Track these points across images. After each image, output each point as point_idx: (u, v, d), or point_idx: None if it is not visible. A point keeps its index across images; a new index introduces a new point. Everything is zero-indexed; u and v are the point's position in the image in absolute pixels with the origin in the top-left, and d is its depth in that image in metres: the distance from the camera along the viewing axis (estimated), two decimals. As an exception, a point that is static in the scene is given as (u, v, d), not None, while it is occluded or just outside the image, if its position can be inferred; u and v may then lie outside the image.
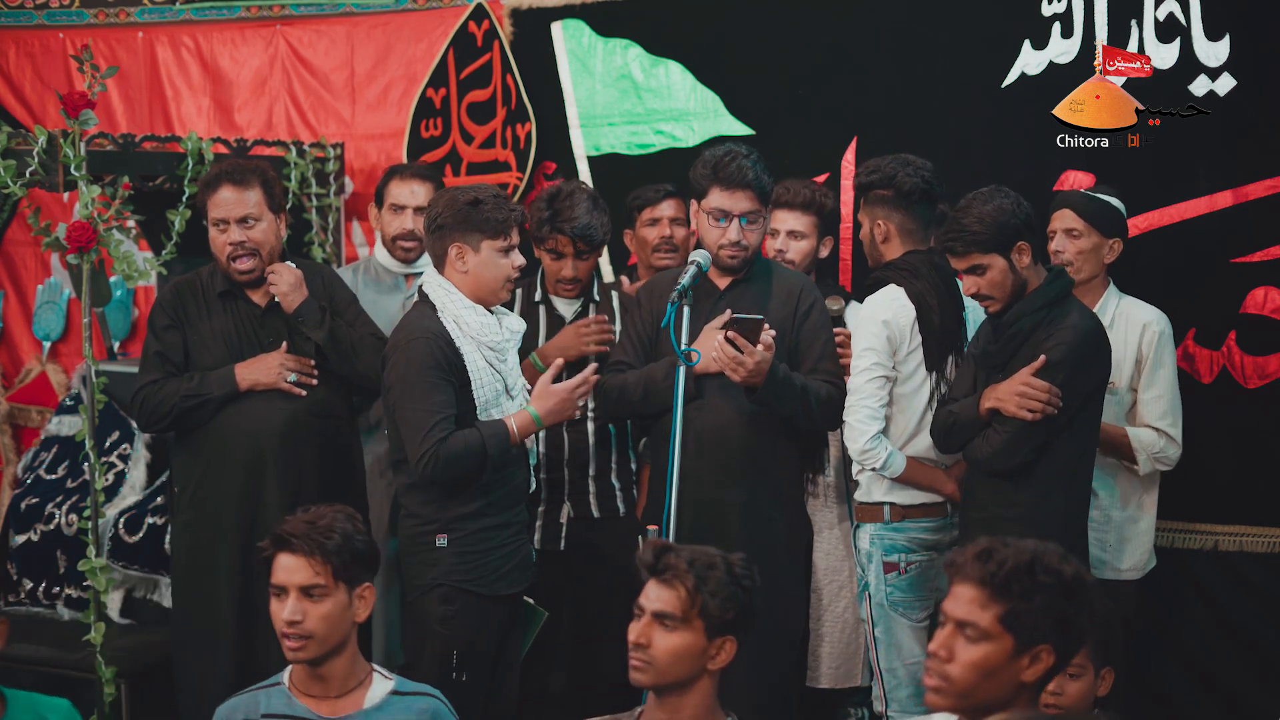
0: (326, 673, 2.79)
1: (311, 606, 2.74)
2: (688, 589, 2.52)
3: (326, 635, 2.75)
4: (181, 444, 3.97)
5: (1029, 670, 2.23)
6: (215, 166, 4.02)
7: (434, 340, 3.49)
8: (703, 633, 2.53)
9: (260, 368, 3.86)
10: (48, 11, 5.78)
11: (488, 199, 3.53)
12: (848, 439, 3.68)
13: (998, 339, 3.45)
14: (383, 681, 2.85)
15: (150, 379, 3.87)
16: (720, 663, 2.56)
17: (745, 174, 3.58)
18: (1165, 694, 4.26)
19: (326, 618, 2.74)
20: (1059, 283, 3.45)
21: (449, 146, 5.14)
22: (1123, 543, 3.87)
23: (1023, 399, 3.35)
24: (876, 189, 3.78)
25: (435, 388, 3.46)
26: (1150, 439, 3.78)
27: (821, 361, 3.72)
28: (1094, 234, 3.82)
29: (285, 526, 2.80)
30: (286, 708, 2.79)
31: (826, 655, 4.11)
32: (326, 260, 5.04)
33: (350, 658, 2.81)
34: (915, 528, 3.70)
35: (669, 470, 3.34)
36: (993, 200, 3.40)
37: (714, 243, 3.61)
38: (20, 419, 5.77)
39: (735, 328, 3.45)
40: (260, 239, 3.87)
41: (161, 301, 3.97)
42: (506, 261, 3.54)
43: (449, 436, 3.43)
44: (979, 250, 3.39)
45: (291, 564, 2.76)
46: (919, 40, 4.49)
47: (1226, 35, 4.03)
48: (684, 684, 2.56)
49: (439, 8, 5.25)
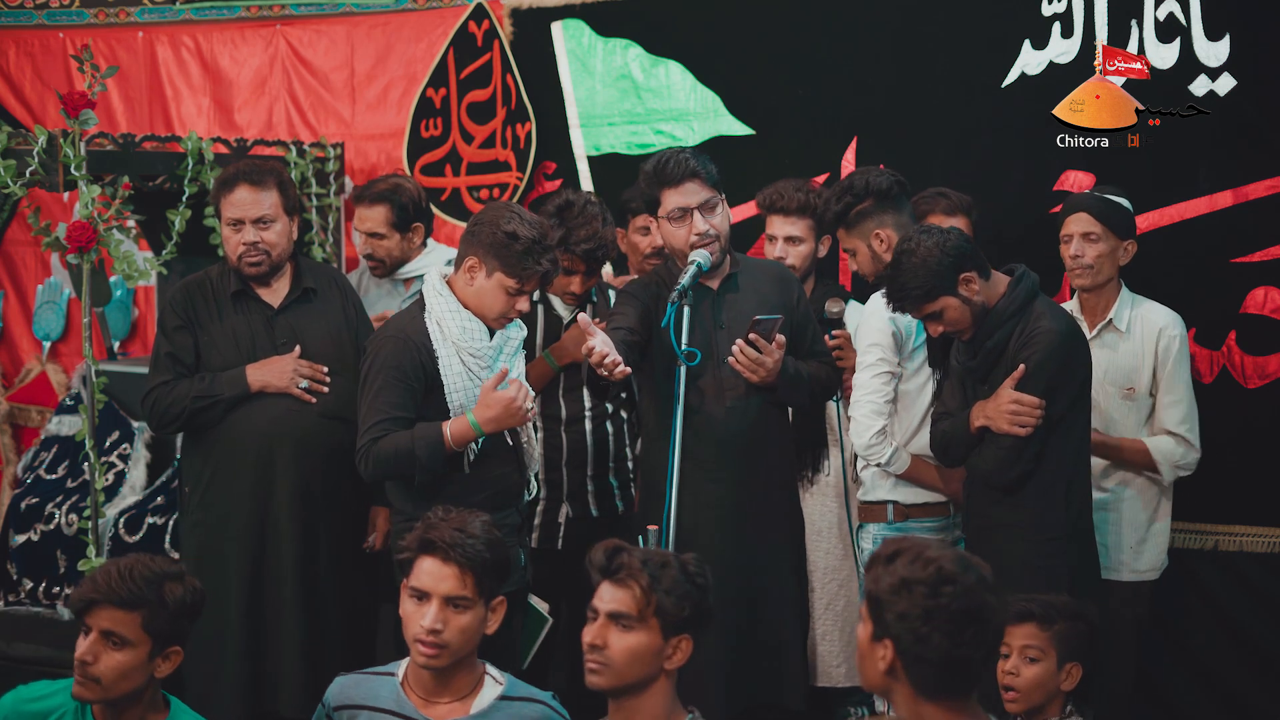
0: (447, 680, 2.73)
1: (453, 617, 2.68)
2: (642, 588, 2.52)
3: (461, 647, 2.69)
4: (192, 444, 3.96)
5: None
6: (232, 166, 4.00)
7: (404, 342, 3.49)
8: (658, 632, 2.52)
9: (272, 370, 3.85)
10: (48, 11, 5.78)
11: (526, 241, 3.45)
12: (853, 434, 3.69)
13: (974, 355, 3.46)
14: (493, 685, 2.77)
15: (161, 380, 3.85)
16: (676, 662, 2.55)
17: (687, 165, 3.56)
18: (1166, 693, 4.26)
19: (464, 630, 2.68)
20: (1021, 286, 3.42)
21: (449, 146, 5.14)
22: (1141, 543, 3.87)
23: (1014, 416, 3.35)
24: (856, 207, 3.77)
25: (389, 388, 3.47)
26: (1170, 447, 3.78)
27: (815, 343, 3.75)
28: (1111, 236, 3.80)
29: (434, 531, 2.72)
30: (395, 704, 2.73)
31: (826, 654, 4.11)
32: (326, 260, 5.05)
33: (471, 666, 2.76)
34: (918, 528, 3.71)
35: (669, 470, 3.34)
36: (918, 250, 3.37)
37: (684, 243, 3.57)
38: (20, 419, 5.77)
39: (756, 329, 3.46)
40: (274, 240, 3.86)
41: (171, 302, 3.94)
42: (509, 301, 3.51)
43: (384, 436, 3.45)
44: (926, 301, 3.39)
45: (438, 571, 2.69)
46: (919, 40, 4.49)
47: (1226, 35, 4.03)
48: (641, 685, 2.55)
49: (439, 8, 5.25)
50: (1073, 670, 3.07)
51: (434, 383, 3.51)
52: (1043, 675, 3.06)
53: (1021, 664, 3.06)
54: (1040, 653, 3.05)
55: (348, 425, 3.95)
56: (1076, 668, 3.07)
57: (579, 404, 4.11)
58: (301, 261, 4.03)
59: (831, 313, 4.01)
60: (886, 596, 2.16)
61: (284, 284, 3.95)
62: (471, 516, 2.77)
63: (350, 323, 4.01)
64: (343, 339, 3.96)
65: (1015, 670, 3.06)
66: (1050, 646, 3.05)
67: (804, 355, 3.70)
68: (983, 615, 2.15)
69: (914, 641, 2.13)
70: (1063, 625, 3.06)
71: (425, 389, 3.51)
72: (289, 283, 3.95)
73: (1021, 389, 3.34)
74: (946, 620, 2.12)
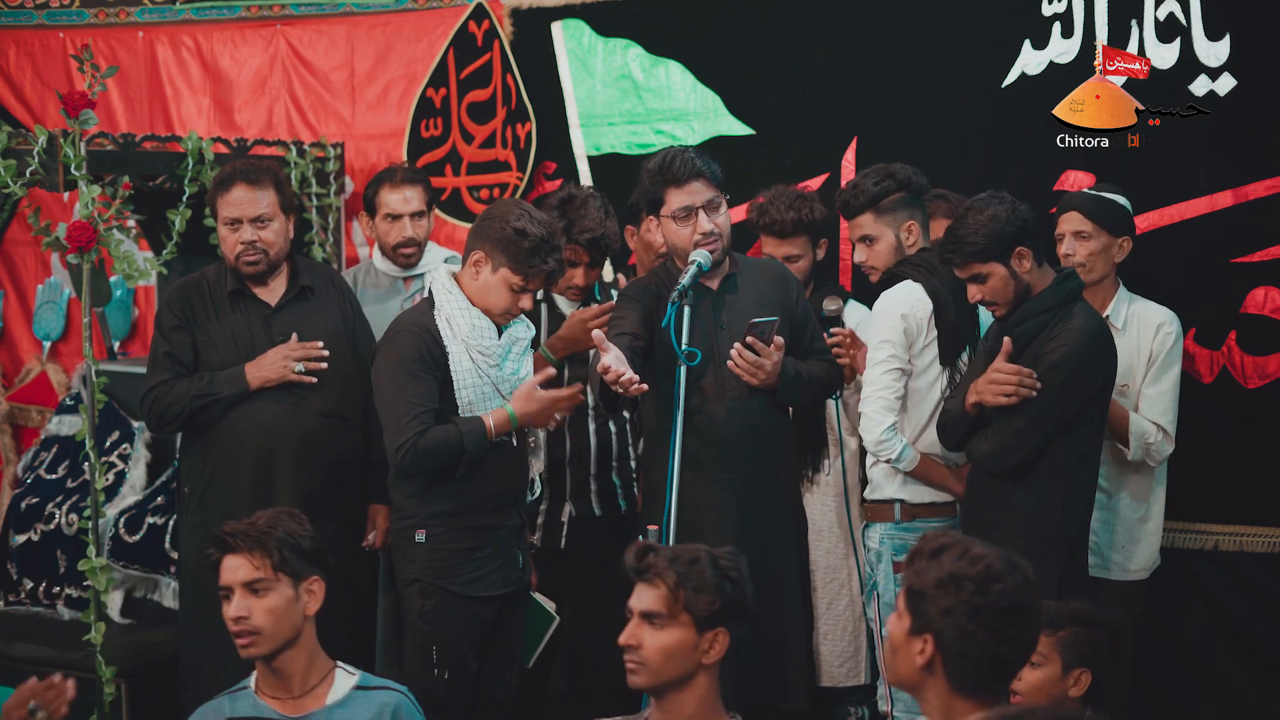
0: (285, 669, 2.80)
1: (256, 602, 2.77)
2: (669, 585, 2.53)
3: (274, 630, 2.76)
4: (190, 444, 3.96)
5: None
6: (229, 165, 4.00)
7: (420, 334, 3.51)
8: (692, 627, 2.53)
9: (266, 364, 3.85)
10: (48, 11, 5.78)
11: (535, 239, 3.47)
12: (863, 430, 3.69)
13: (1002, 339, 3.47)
14: (346, 677, 2.86)
15: (159, 380, 3.86)
16: (714, 656, 2.55)
17: (693, 164, 3.57)
18: (1165, 694, 4.26)
19: (271, 611, 2.76)
20: (1067, 285, 3.46)
21: (449, 146, 5.14)
22: (1133, 543, 3.88)
23: (995, 385, 3.38)
24: (893, 194, 3.77)
25: (417, 379, 3.47)
26: (1149, 429, 3.79)
27: (815, 342, 3.76)
28: (1103, 234, 3.81)
29: (224, 528, 2.83)
30: (252, 710, 2.82)
31: (827, 654, 4.12)
32: (326, 260, 5.05)
33: (307, 653, 2.82)
34: (925, 527, 3.70)
35: (669, 470, 3.34)
36: (987, 208, 3.41)
37: (688, 242, 3.57)
38: (20, 419, 5.77)
39: (754, 332, 3.46)
40: (271, 239, 3.87)
41: (168, 302, 3.95)
42: (514, 297, 3.53)
43: (428, 429, 3.44)
44: (977, 260, 3.42)
45: (233, 563, 2.80)
46: (919, 40, 4.49)
47: (1226, 35, 4.03)
48: (680, 682, 2.55)
49: (439, 8, 5.25)
50: (1081, 676, 3.04)
51: (445, 378, 3.52)
52: (1044, 680, 3.03)
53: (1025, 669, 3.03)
54: (1043, 658, 3.02)
55: (347, 423, 3.95)
56: (1086, 674, 3.04)
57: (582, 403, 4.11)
58: (298, 260, 4.04)
59: (829, 311, 4.01)
60: (931, 591, 2.17)
61: (281, 283, 3.96)
62: (269, 512, 2.87)
63: (348, 321, 4.02)
64: (340, 337, 3.97)
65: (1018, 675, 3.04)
66: (1054, 652, 3.02)
67: (804, 354, 3.70)
68: (1027, 615, 2.18)
69: (957, 637, 2.15)
70: (1070, 631, 3.03)
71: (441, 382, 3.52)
72: (286, 281, 3.96)
73: (1043, 380, 3.36)
74: (993, 617, 2.14)
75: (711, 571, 2.55)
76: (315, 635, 2.85)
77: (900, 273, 3.74)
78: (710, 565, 2.56)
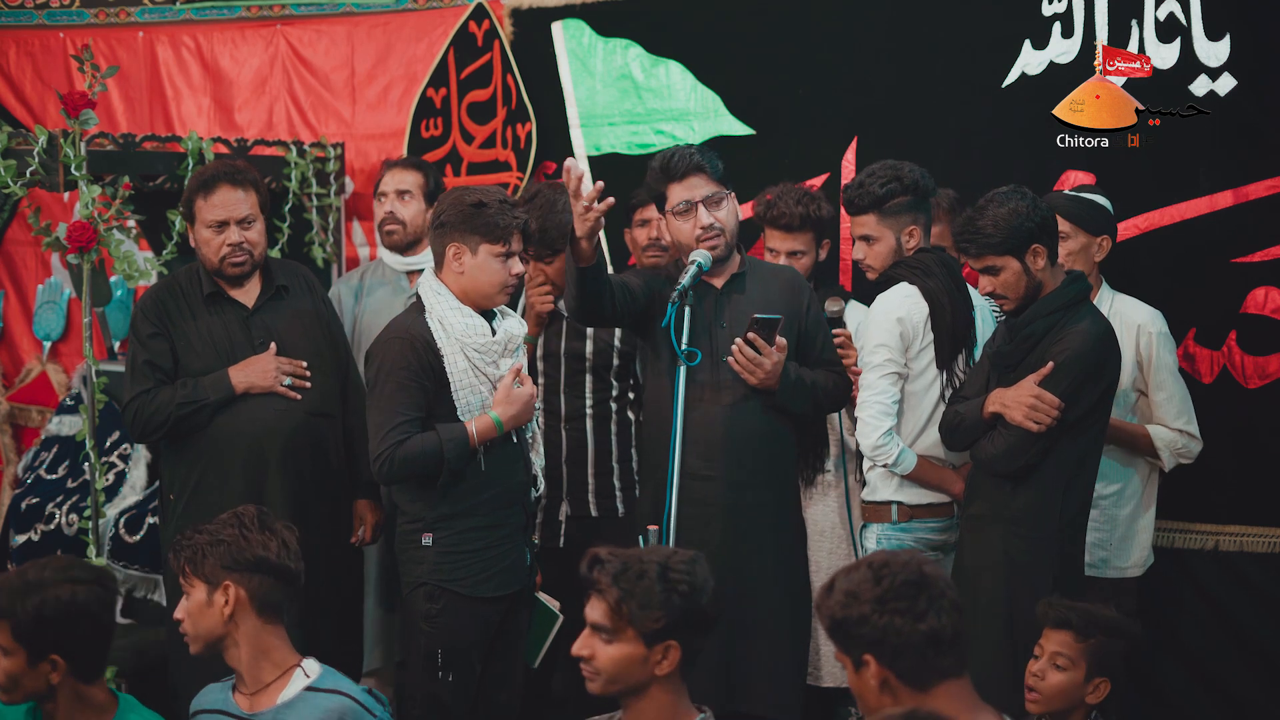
0: (233, 666, 2.88)
1: (182, 603, 2.87)
2: (611, 602, 2.51)
3: (194, 629, 2.85)
4: (174, 450, 3.92)
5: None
6: (207, 168, 4.00)
7: (411, 341, 3.50)
8: (638, 641, 2.50)
9: (255, 371, 3.84)
10: (48, 11, 5.78)
11: (492, 203, 3.51)
12: (860, 435, 3.68)
13: (1012, 339, 3.47)
14: (302, 678, 2.87)
15: (141, 389, 3.83)
16: (666, 668, 2.51)
17: (692, 159, 3.60)
18: (1165, 694, 4.26)
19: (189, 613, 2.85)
20: (1075, 287, 3.46)
21: (449, 146, 5.14)
22: (1125, 541, 3.88)
23: (1032, 410, 3.35)
24: (898, 196, 3.76)
25: (403, 389, 3.47)
26: (1172, 436, 3.81)
27: (825, 351, 3.76)
28: (1081, 234, 3.82)
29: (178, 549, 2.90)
30: (220, 702, 2.90)
31: (827, 654, 4.11)
32: (327, 260, 5.05)
33: (250, 651, 2.84)
34: (922, 528, 3.70)
35: (669, 470, 3.34)
36: (1008, 202, 3.40)
37: (689, 236, 3.59)
38: (20, 419, 5.77)
39: (756, 329, 3.45)
40: (255, 239, 3.88)
41: (143, 309, 3.91)
42: (503, 267, 3.53)
43: (407, 439, 3.44)
44: (992, 253, 3.41)
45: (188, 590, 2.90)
46: (919, 40, 4.49)
47: (1226, 35, 4.03)
48: (637, 690, 2.54)
49: (439, 8, 5.26)
50: (1101, 685, 3.05)
51: (441, 381, 3.51)
52: (1067, 685, 3.04)
53: (1049, 669, 3.05)
54: (1069, 662, 3.03)
55: (332, 421, 3.96)
56: (1105, 683, 3.05)
57: (580, 400, 4.12)
58: (269, 260, 4.03)
59: (831, 312, 4.00)
60: (840, 615, 2.28)
61: (256, 284, 3.96)
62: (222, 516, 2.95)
63: (323, 318, 4.04)
64: (317, 335, 3.98)
65: (1041, 674, 3.06)
66: (1081, 658, 3.03)
67: (814, 363, 3.70)
68: (926, 582, 2.26)
69: (884, 637, 2.23)
70: (1099, 640, 3.04)
71: (434, 387, 3.51)
72: (260, 282, 3.96)
73: (1046, 385, 3.35)
74: (896, 599, 2.24)
75: (659, 586, 2.48)
76: (267, 634, 2.86)
77: (896, 274, 3.74)
78: (659, 579, 2.49)
